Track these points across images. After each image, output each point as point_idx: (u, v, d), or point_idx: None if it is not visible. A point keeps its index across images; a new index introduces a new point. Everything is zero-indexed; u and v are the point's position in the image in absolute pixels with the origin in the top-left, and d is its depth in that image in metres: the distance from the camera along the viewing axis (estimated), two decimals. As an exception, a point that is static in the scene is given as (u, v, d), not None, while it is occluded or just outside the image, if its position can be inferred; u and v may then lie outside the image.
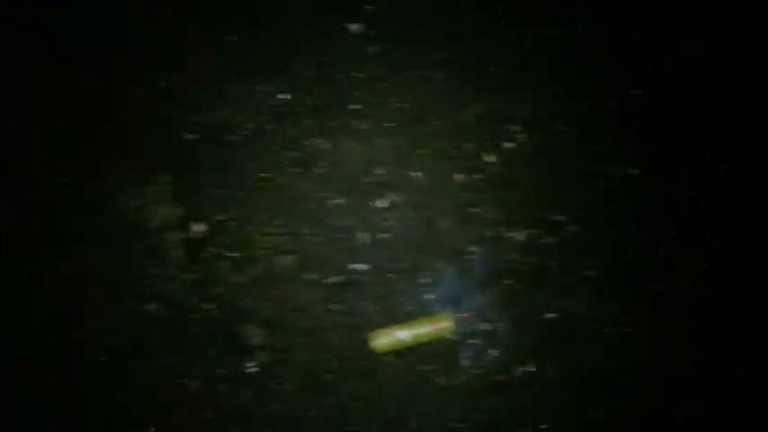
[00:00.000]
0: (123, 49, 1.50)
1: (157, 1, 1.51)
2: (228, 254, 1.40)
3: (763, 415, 1.21)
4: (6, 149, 1.47)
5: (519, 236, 1.37)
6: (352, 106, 1.49)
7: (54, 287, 1.39)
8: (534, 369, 1.28)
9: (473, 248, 1.36)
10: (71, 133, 1.49)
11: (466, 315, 1.32)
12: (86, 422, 1.32)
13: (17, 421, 1.32)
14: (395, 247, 1.38)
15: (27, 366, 1.35)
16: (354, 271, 1.37)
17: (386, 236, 1.39)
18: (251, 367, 1.33)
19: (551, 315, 1.31)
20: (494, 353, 1.29)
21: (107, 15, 1.49)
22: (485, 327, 1.31)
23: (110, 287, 1.40)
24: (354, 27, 1.51)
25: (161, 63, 1.49)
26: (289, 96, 1.50)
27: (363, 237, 1.40)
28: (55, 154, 1.48)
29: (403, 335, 1.28)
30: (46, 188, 1.46)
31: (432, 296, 1.34)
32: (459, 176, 1.42)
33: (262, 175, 1.45)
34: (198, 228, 1.43)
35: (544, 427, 1.25)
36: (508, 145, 1.43)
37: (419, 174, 1.44)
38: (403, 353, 1.30)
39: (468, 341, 1.31)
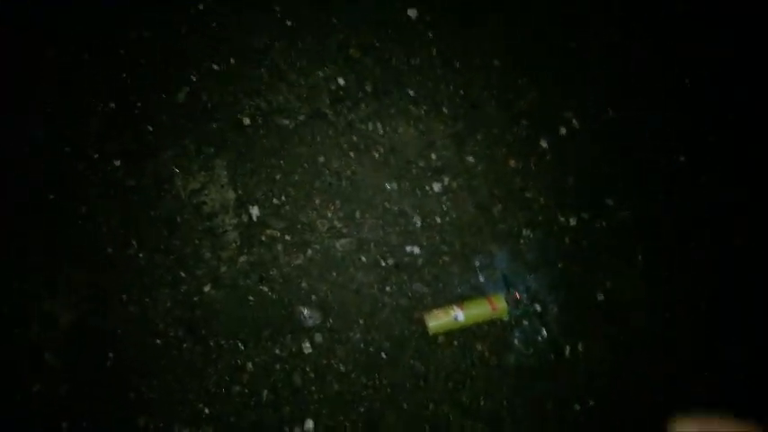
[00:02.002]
0: (177, 30, 1.52)
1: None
2: (284, 237, 1.43)
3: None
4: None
5: (571, 220, 1.40)
6: (408, 91, 1.52)
7: (110, 270, 1.41)
8: (583, 349, 1.32)
9: (526, 232, 1.40)
10: (125, 115, 1.50)
11: (518, 297, 1.36)
12: (141, 405, 1.33)
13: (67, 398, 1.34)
14: (449, 230, 1.41)
15: (78, 346, 1.37)
16: (409, 253, 1.40)
17: (440, 219, 1.42)
18: (307, 348, 1.35)
19: (601, 297, 1.35)
20: (544, 333, 1.33)
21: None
22: (536, 308, 1.35)
23: (166, 270, 1.42)
24: (412, 12, 1.52)
25: (217, 47, 1.50)
26: (345, 81, 1.52)
27: (418, 220, 1.43)
28: (111, 136, 1.50)
29: (456, 316, 1.30)
30: (102, 171, 1.47)
31: (484, 278, 1.37)
32: (513, 161, 1.45)
33: (318, 159, 1.48)
34: (254, 211, 1.45)
35: (592, 403, 1.29)
36: (562, 130, 1.46)
37: (473, 158, 1.46)
38: (456, 334, 1.33)
39: (520, 322, 1.34)
